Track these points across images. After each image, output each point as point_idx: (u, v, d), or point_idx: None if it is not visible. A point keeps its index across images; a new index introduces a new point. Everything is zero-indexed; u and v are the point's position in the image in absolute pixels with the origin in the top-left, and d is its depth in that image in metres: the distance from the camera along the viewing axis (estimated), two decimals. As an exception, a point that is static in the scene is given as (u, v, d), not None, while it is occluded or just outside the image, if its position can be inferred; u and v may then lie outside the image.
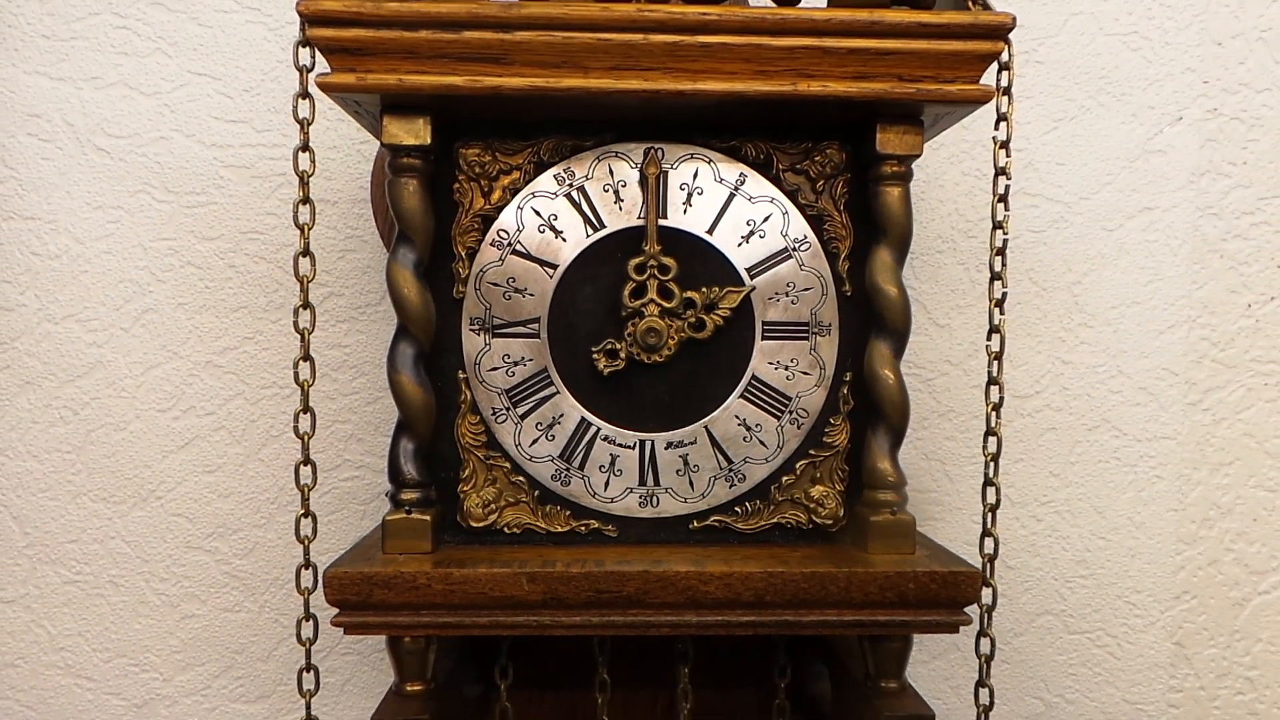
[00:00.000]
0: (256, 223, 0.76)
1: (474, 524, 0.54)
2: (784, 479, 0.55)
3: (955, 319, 0.77)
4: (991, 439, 0.52)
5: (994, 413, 0.52)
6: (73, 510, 0.76)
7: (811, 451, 0.55)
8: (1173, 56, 0.77)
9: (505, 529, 0.54)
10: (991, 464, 0.52)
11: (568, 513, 0.54)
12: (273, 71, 0.76)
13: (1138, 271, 0.78)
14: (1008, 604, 0.78)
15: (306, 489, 0.50)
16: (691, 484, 0.54)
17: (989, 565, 0.52)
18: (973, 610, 0.51)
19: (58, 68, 0.75)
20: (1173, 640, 0.79)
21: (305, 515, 0.50)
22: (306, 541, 0.50)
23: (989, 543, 0.52)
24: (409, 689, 0.52)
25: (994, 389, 0.53)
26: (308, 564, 0.50)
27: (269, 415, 0.76)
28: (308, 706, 0.50)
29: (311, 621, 0.51)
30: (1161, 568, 0.78)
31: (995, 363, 0.52)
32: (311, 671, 0.51)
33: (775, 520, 0.55)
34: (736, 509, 0.55)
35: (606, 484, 0.54)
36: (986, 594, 0.51)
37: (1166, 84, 0.77)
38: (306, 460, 0.51)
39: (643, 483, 0.54)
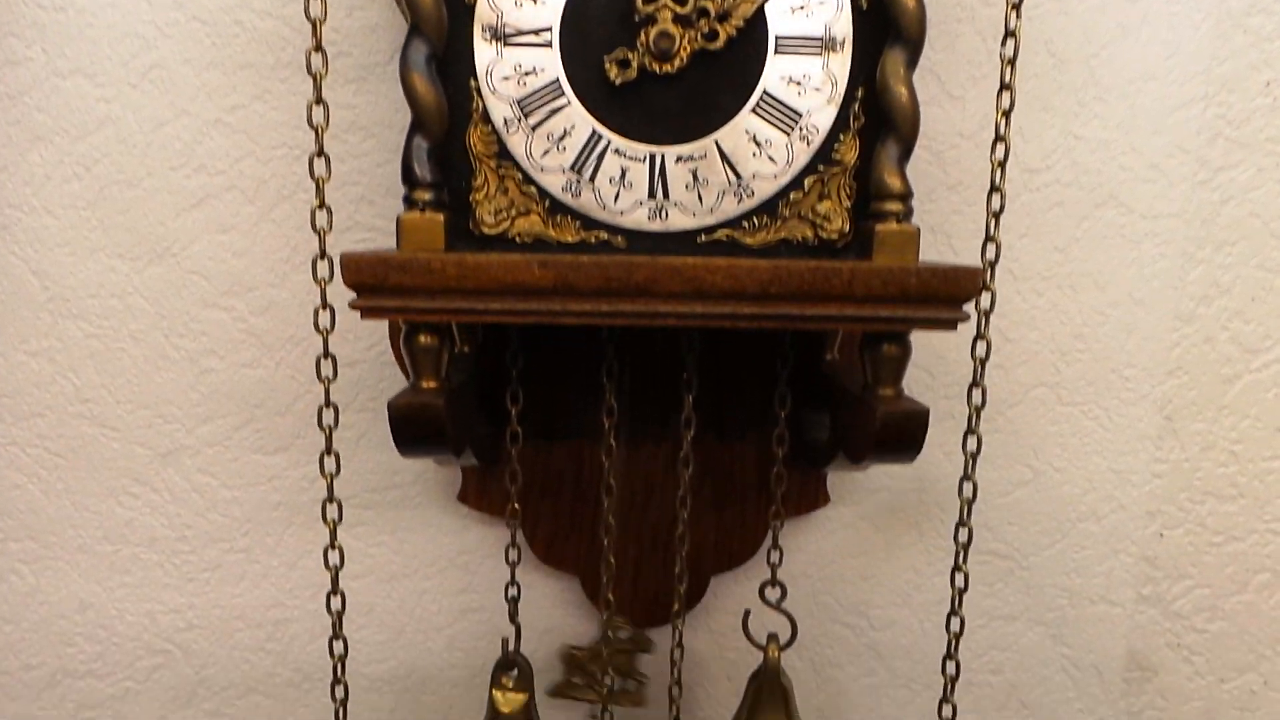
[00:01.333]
0: (262, -26, 0.74)
1: (486, 231, 0.55)
2: (792, 195, 0.56)
3: (970, 91, 0.76)
4: (1000, 145, 0.52)
5: (1004, 118, 0.52)
6: (90, 266, 0.78)
7: (820, 168, 0.55)
8: None
9: (516, 238, 0.55)
10: (999, 171, 0.52)
11: (578, 223, 0.55)
12: None
13: (1159, 45, 0.76)
14: (1003, 376, 0.80)
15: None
16: (700, 198, 0.55)
17: (990, 270, 0.53)
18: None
19: None
20: (1162, 414, 0.81)
21: (320, 207, 0.51)
22: (323, 232, 0.51)
23: (991, 248, 0.53)
24: (424, 385, 0.54)
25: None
26: (323, 254, 0.51)
27: (280, 175, 0.77)
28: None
29: (328, 311, 0.53)
30: (1157, 344, 0.80)
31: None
32: (329, 359, 0.53)
33: (782, 236, 0.56)
34: (744, 224, 0.56)
35: (616, 196, 0.55)
36: (986, 298, 0.52)
37: None
38: (320, 152, 0.51)
39: (652, 196, 0.55)
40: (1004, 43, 0.53)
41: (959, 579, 0.59)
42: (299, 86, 0.76)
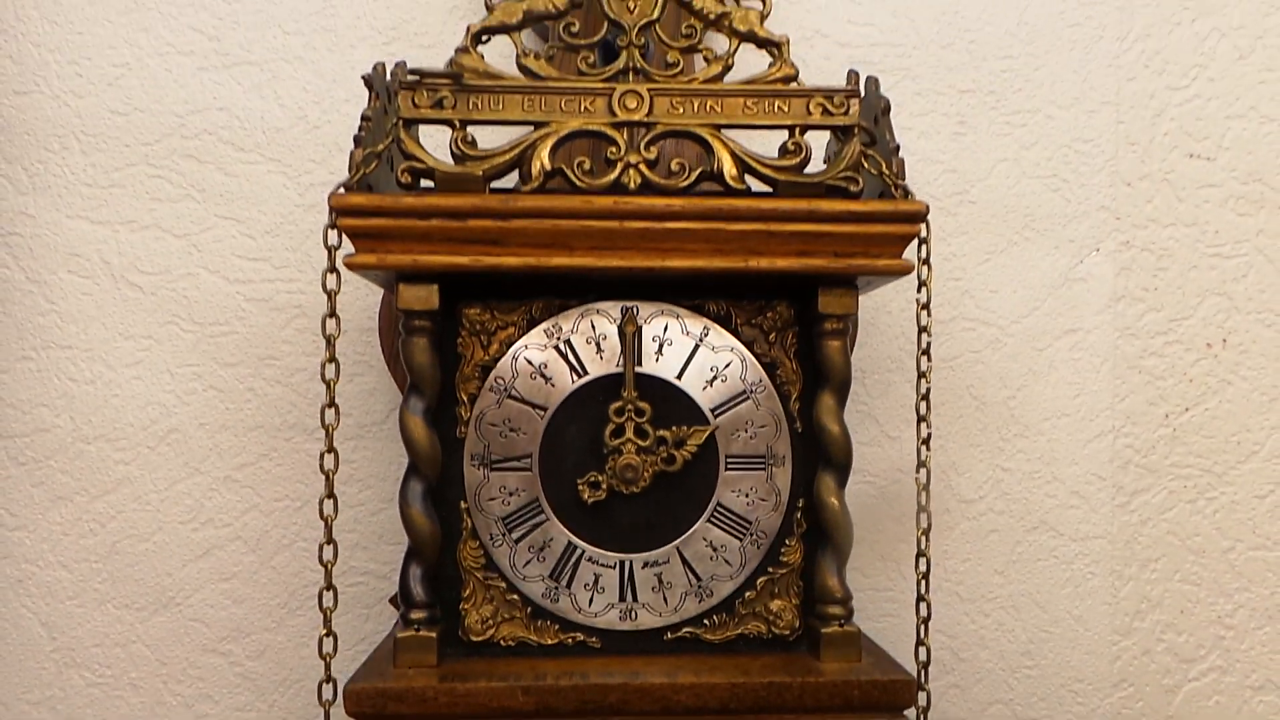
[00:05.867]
0: (274, 350, 0.84)
1: (474, 638, 0.61)
2: (747, 594, 0.62)
3: (905, 431, 0.86)
4: (922, 560, 0.60)
5: (923, 536, 0.60)
6: (97, 616, 0.82)
7: (770, 569, 0.63)
8: (1088, 196, 0.88)
9: (501, 642, 0.61)
10: (923, 582, 0.60)
11: (556, 626, 0.62)
12: (291, 215, 0.85)
13: (1066, 386, 0.87)
14: (960, 694, 0.85)
15: (329, 566, 0.57)
16: (665, 599, 0.62)
17: (923, 672, 0.59)
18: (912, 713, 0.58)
19: (98, 212, 0.84)
20: (1112, 725, 0.86)
21: (328, 587, 0.57)
22: (328, 611, 0.57)
23: (923, 651, 0.59)
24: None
25: (924, 512, 0.61)
26: (329, 630, 0.57)
27: (281, 526, 0.83)
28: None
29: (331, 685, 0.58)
30: (1100, 658, 0.86)
31: (924, 493, 0.60)
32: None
33: (740, 631, 0.62)
34: (705, 621, 0.62)
35: (591, 600, 0.62)
36: (922, 697, 0.58)
37: (1084, 220, 0.87)
38: (329, 540, 0.58)
39: (622, 599, 0.62)
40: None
41: None
42: (302, 445, 0.84)
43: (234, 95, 0.85)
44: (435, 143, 0.63)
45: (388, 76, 0.62)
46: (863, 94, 0.61)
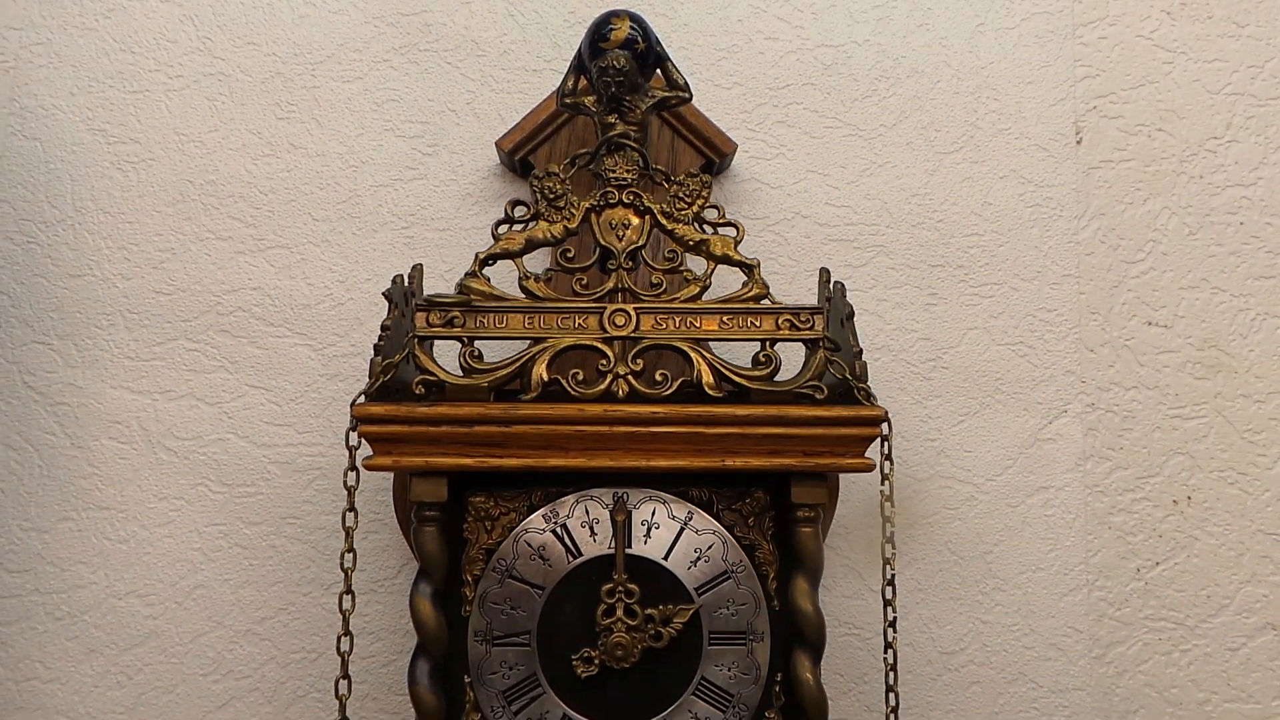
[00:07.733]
0: (295, 509, 0.90)
1: (476, 813, 0.65)
2: (730, 770, 0.67)
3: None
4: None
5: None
6: (121, 768, 0.87)
7: (752, 742, 0.67)
8: (1054, 361, 0.94)
9: (501, 816, 0.66)
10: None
11: (553, 805, 0.66)
12: (315, 384, 0.92)
13: (1039, 541, 0.92)
14: (948, 847, 0.87)
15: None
16: (653, 774, 0.66)
17: None
18: None
19: (138, 383, 0.92)
20: None
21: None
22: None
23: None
24: None
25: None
26: None
27: (297, 678, 0.88)
28: None
29: None
30: (1082, 811, 0.88)
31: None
32: None
33: (723, 810, 0.66)
34: (687, 807, 0.66)
35: (585, 773, 0.66)
36: None
37: (1051, 384, 0.94)
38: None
39: (613, 770, 0.66)
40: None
41: None
42: (319, 599, 0.89)
43: (266, 276, 0.93)
44: (447, 344, 0.71)
45: (406, 282, 0.70)
46: (830, 296, 0.69)
